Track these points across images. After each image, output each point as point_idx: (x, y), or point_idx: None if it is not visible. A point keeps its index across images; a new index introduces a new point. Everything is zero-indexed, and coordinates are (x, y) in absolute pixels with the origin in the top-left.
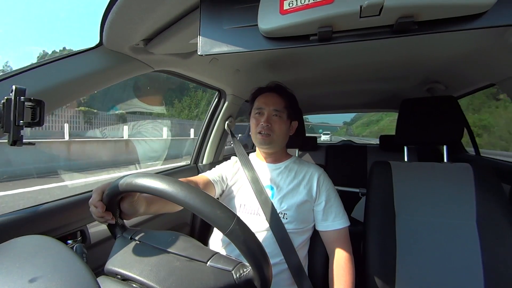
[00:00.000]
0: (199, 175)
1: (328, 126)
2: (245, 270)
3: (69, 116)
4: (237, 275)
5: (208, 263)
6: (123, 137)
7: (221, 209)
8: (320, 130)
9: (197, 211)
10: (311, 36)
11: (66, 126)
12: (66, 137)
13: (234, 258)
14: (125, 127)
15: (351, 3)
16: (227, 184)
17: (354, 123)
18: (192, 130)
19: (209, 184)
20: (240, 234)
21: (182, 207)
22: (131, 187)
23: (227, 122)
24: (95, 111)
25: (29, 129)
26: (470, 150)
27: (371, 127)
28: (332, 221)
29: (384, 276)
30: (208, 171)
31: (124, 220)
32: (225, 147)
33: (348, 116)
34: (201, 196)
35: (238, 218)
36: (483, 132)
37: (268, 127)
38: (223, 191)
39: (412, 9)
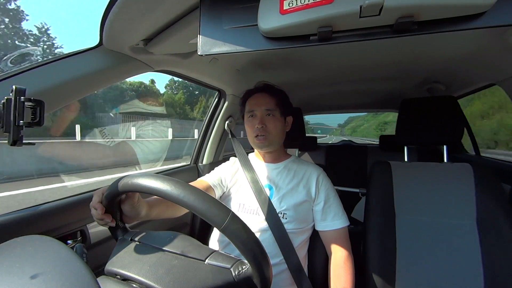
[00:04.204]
0: (198, 179)
1: (325, 128)
2: (243, 267)
3: None
4: (236, 273)
5: (206, 261)
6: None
7: (216, 205)
8: (319, 131)
9: (192, 208)
10: (311, 36)
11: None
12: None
13: (233, 256)
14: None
15: (351, 3)
16: (227, 186)
17: (346, 125)
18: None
19: (208, 188)
20: (235, 229)
21: (184, 212)
22: (127, 187)
23: (227, 122)
24: None
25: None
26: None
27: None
28: (331, 221)
29: (384, 276)
30: (207, 175)
31: (126, 223)
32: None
33: (342, 119)
34: (195, 193)
35: (233, 214)
36: None
37: (263, 128)
38: (223, 193)
39: (412, 9)
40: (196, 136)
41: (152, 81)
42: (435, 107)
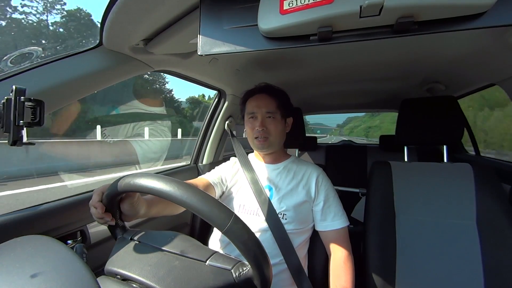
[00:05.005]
0: (199, 177)
1: (324, 128)
2: (244, 268)
3: None
4: (237, 274)
5: (207, 262)
6: None
7: (219, 207)
8: (318, 131)
9: (195, 210)
10: (311, 36)
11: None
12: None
13: (233, 257)
14: None
15: (351, 3)
16: (227, 185)
17: (345, 125)
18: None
19: (209, 186)
20: (238, 232)
21: (183, 210)
22: (129, 187)
23: (227, 122)
24: None
25: None
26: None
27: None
28: (331, 221)
29: (384, 276)
30: (207, 173)
31: (125, 222)
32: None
33: (341, 120)
34: (198, 195)
35: (236, 216)
36: None
37: (264, 131)
38: (223, 193)
39: (412, 9)
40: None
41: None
42: (435, 107)
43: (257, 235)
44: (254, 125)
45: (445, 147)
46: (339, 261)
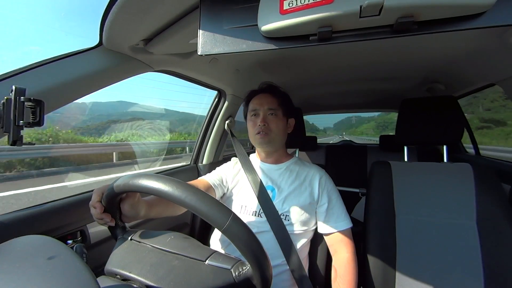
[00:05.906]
0: (199, 178)
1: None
2: (244, 268)
3: None
4: (236, 273)
5: (207, 261)
6: None
7: (217, 206)
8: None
9: (193, 209)
10: (311, 36)
11: None
12: None
13: (233, 257)
14: None
15: (351, 3)
16: (228, 186)
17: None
18: None
19: (209, 188)
20: (237, 231)
21: (183, 211)
22: (128, 187)
23: (227, 122)
24: None
25: None
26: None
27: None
28: (334, 222)
29: (384, 276)
30: (208, 174)
31: (125, 222)
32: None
33: (337, 121)
34: (197, 194)
35: (234, 215)
36: None
37: (266, 127)
38: (224, 194)
39: (412, 9)
40: None
41: None
42: (435, 107)
43: (259, 236)
44: (255, 122)
45: (445, 147)
46: (343, 262)
